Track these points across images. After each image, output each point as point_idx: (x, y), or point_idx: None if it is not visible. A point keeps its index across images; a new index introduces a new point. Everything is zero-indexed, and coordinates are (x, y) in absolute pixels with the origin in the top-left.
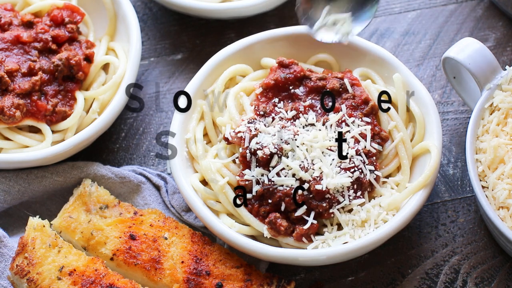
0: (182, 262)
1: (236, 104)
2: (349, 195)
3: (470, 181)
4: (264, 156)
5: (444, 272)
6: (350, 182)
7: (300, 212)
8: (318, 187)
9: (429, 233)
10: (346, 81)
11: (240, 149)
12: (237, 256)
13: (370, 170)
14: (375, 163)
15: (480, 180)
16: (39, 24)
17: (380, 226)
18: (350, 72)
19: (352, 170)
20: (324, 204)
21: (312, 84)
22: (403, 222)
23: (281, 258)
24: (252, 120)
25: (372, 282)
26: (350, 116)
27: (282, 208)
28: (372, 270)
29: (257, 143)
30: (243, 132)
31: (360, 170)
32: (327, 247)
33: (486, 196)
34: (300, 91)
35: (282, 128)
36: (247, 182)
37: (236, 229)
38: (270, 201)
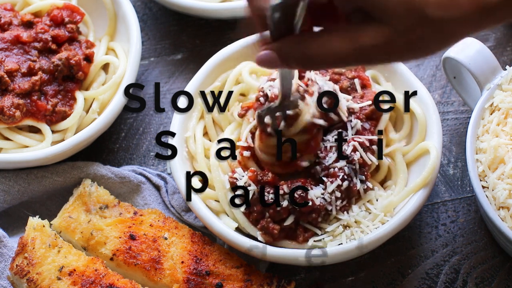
0: (182, 262)
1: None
2: (336, 205)
3: (470, 181)
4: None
5: (444, 272)
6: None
7: (288, 222)
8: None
9: (429, 233)
10: (356, 81)
11: (248, 127)
12: (237, 256)
13: (361, 180)
14: (366, 173)
15: (480, 180)
16: (39, 24)
17: (380, 227)
18: (363, 70)
19: (341, 178)
20: (314, 215)
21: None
22: (403, 222)
23: (281, 258)
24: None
25: (372, 282)
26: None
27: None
28: (372, 270)
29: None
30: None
31: (349, 179)
32: (327, 247)
33: (486, 196)
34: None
35: None
36: (235, 180)
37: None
38: (255, 208)
